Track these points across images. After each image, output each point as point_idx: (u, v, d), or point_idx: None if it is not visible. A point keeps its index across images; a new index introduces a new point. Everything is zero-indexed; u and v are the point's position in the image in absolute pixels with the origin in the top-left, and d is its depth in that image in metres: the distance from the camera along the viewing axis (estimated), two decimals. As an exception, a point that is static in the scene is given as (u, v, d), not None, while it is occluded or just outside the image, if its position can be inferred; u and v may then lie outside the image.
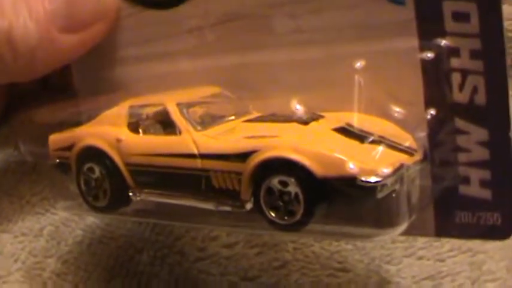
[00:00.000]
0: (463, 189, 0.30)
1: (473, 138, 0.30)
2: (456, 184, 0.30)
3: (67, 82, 0.40)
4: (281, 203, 0.28)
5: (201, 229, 0.42)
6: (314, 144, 0.27)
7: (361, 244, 0.41)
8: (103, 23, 0.36)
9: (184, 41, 0.35)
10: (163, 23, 0.36)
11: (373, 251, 0.41)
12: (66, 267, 0.42)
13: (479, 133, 0.29)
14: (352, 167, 0.26)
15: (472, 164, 0.30)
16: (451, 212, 0.31)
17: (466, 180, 0.30)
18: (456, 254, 0.40)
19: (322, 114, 0.30)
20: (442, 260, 0.40)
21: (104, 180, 0.33)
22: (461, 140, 0.30)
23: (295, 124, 0.29)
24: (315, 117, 0.30)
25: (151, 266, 0.42)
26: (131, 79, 0.38)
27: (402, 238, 0.40)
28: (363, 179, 0.26)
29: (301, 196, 0.27)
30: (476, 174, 0.30)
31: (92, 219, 0.43)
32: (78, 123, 0.36)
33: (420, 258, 0.40)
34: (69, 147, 0.35)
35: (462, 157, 0.30)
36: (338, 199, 0.27)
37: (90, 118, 0.36)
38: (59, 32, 0.34)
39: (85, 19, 0.35)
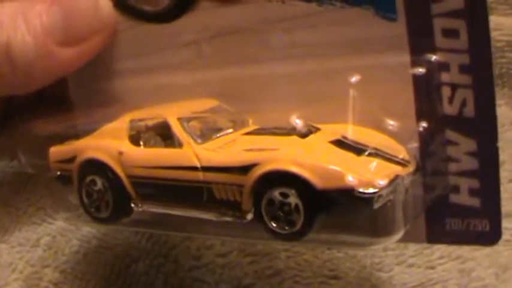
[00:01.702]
0: (453, 197, 0.31)
1: (462, 149, 0.31)
2: (446, 193, 0.31)
3: (64, 94, 0.41)
4: (281, 214, 0.29)
5: (195, 238, 0.43)
6: (313, 157, 0.28)
7: (353, 252, 0.41)
8: (100, 36, 0.36)
9: (181, 55, 0.36)
10: (161, 36, 0.36)
11: (364, 259, 0.41)
12: (63, 276, 0.42)
13: (469, 144, 0.30)
14: (351, 179, 0.27)
15: (461, 174, 0.31)
16: (441, 220, 0.32)
17: (456, 189, 0.31)
18: (446, 262, 0.41)
19: (319, 126, 0.31)
20: (432, 268, 0.41)
21: (106, 192, 0.34)
22: (451, 151, 0.31)
23: (293, 137, 0.30)
24: (313, 130, 0.31)
25: (146, 275, 0.42)
26: (128, 92, 0.38)
27: (393, 246, 0.41)
28: (361, 190, 0.27)
29: (301, 207, 0.28)
30: (465, 183, 0.31)
31: (88, 229, 0.44)
32: (75, 136, 0.37)
33: (411, 265, 0.41)
34: (71, 160, 0.35)
35: (452, 167, 0.31)
36: (336, 209, 0.28)
37: (86, 131, 0.36)
38: (56, 46, 0.35)
39: (82, 33, 0.35)
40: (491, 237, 0.31)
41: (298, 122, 0.31)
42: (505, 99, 0.47)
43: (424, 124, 0.31)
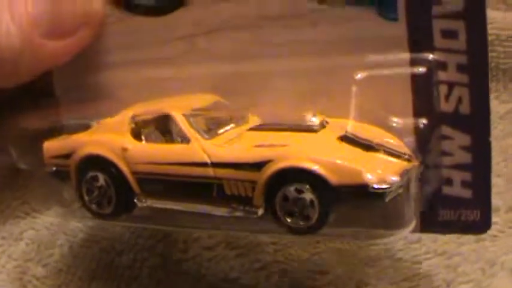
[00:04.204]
0: (446, 189, 0.33)
1: (456, 143, 0.32)
2: (440, 185, 0.33)
3: (51, 88, 0.40)
4: (296, 209, 0.30)
5: (181, 231, 0.43)
6: (327, 154, 0.29)
7: (340, 246, 0.42)
8: (89, 28, 0.35)
9: (175, 48, 0.36)
10: (154, 29, 0.36)
11: (351, 253, 0.41)
12: (46, 270, 0.42)
13: (463, 138, 0.32)
14: (370, 176, 0.28)
15: (455, 167, 0.32)
16: (434, 210, 0.33)
17: (449, 182, 0.33)
18: (432, 257, 0.41)
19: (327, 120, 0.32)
20: (419, 262, 0.41)
21: (109, 188, 0.33)
22: (446, 145, 0.32)
23: (303, 133, 0.31)
24: (325, 124, 0.32)
25: (131, 268, 0.42)
26: (116, 86, 0.38)
27: (380, 240, 0.41)
28: (375, 186, 0.28)
29: (316, 202, 0.29)
30: (458, 176, 0.32)
31: (73, 223, 0.43)
32: (60, 130, 0.37)
33: (398, 260, 0.41)
34: (68, 155, 0.35)
35: (446, 160, 0.32)
36: (349, 204, 0.29)
37: (73, 126, 0.36)
38: (42, 38, 0.34)
39: (70, 24, 0.35)
40: (481, 226, 0.33)
41: (314, 120, 0.32)
42: (494, 93, 0.48)
43: (421, 120, 0.32)
